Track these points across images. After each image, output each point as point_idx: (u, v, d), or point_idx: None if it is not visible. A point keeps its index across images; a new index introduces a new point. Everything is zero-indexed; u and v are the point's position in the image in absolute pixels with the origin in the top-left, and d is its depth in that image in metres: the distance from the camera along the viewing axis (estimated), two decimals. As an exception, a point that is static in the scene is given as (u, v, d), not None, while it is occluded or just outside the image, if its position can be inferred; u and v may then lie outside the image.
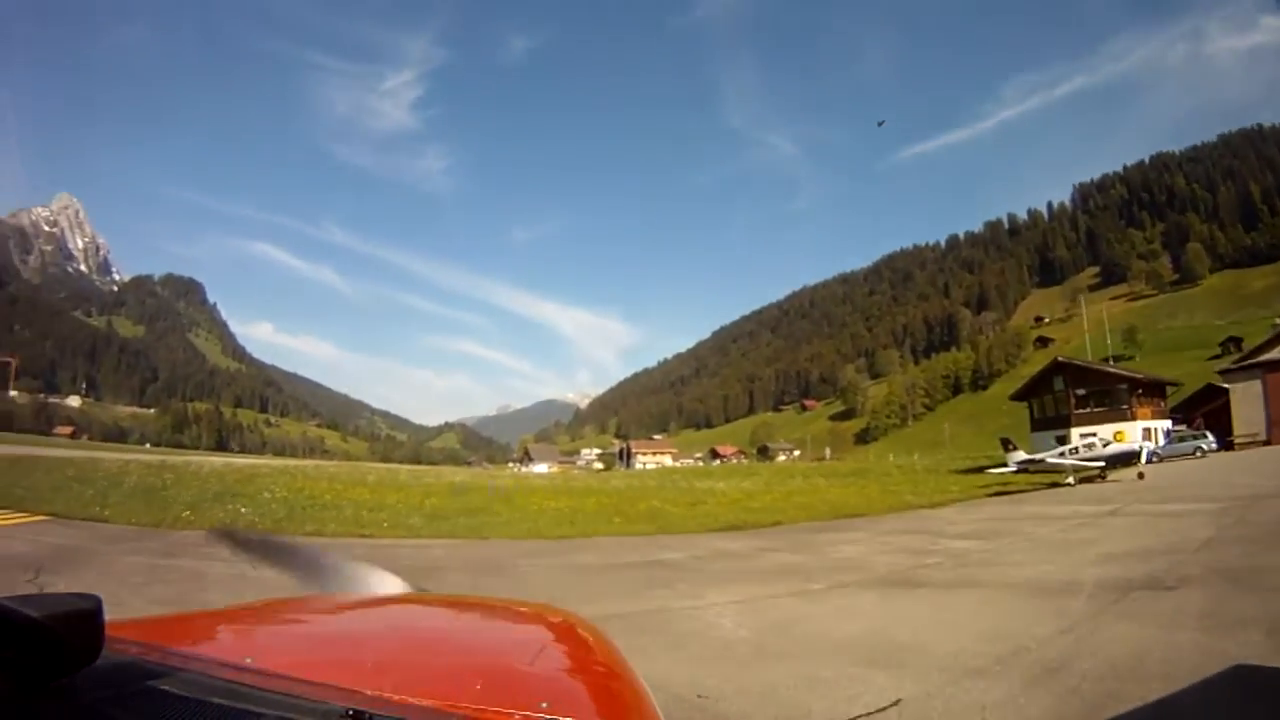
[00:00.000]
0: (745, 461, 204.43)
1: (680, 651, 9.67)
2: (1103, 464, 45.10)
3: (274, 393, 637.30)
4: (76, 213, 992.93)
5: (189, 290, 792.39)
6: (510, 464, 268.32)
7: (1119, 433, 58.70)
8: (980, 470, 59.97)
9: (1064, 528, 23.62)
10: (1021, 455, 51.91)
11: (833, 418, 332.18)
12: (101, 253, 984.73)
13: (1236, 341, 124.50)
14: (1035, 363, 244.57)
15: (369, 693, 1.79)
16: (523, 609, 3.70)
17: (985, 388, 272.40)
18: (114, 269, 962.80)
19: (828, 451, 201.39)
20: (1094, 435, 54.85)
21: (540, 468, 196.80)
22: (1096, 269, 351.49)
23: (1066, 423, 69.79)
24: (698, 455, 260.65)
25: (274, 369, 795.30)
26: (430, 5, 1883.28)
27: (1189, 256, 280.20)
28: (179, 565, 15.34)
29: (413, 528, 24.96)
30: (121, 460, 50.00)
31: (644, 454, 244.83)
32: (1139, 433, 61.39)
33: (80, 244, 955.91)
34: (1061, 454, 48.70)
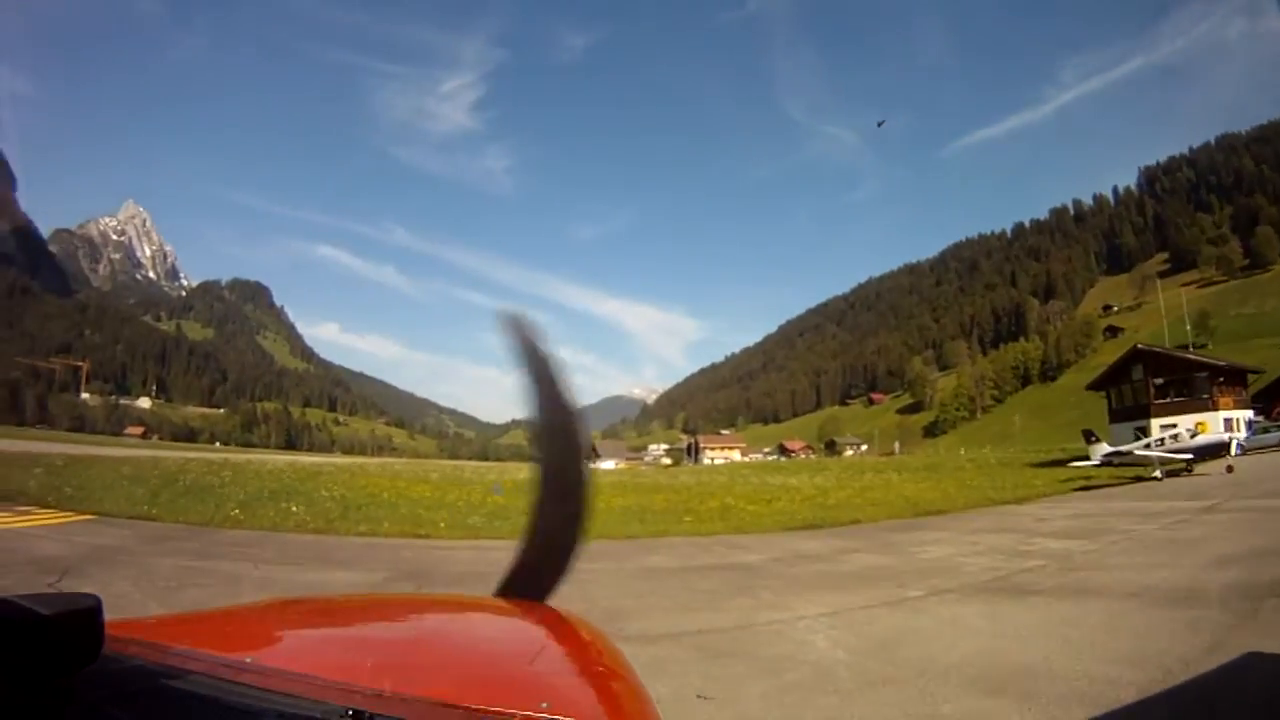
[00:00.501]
0: (813, 456, 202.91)
1: (773, 679, 8.45)
2: (1190, 456, 43.32)
3: (342, 392, 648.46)
4: (144, 222, 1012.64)
5: (256, 294, 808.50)
6: None
7: (1201, 423, 56.31)
8: (1057, 464, 58.21)
9: (1165, 525, 22.06)
10: (1106, 448, 49.29)
11: (900, 411, 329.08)
12: (169, 259, 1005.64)
13: None
14: (1105, 353, 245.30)
15: (369, 693, 1.79)
16: (523, 609, 3.36)
17: (1055, 379, 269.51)
18: (182, 275, 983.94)
19: (897, 446, 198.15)
20: (1175, 426, 52.53)
21: (607, 464, 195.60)
22: (1165, 255, 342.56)
23: (1146, 413, 67.22)
24: (766, 450, 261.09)
25: (341, 369, 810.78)
26: (484, 7, 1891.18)
27: (1259, 240, 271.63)
28: (215, 569, 14.63)
29: (472, 528, 23.71)
30: (183, 459, 50.05)
31: (712, 449, 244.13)
32: (1221, 423, 59.57)
33: (148, 252, 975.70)
34: (1148, 446, 46.42)
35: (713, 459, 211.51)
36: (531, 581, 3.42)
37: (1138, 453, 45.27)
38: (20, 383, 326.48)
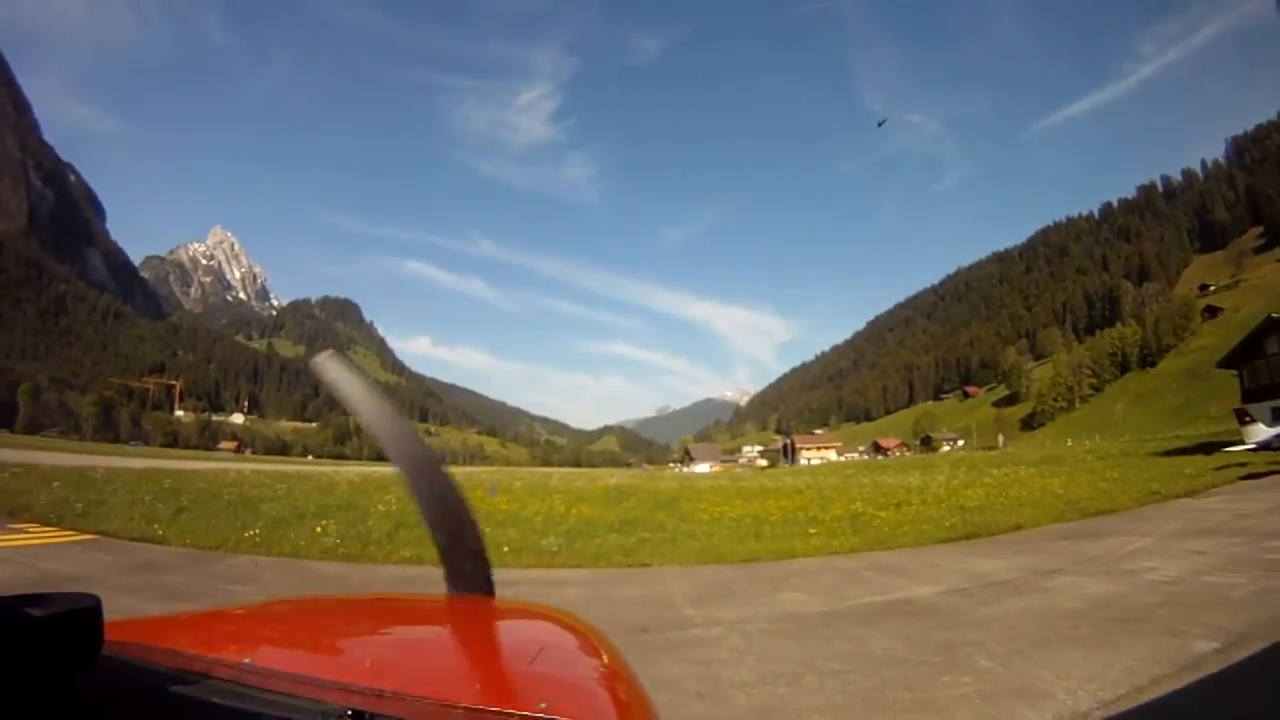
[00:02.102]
0: (909, 454, 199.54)
1: None
2: None
3: (433, 403, 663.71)
4: (232, 245, 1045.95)
5: (345, 310, 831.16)
6: (671, 464, 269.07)
7: None
8: (1182, 452, 55.40)
9: None
10: (1265, 430, 44.20)
11: (996, 404, 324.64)
12: (259, 280, 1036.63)
13: None
14: (1205, 334, 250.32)
15: (369, 693, 1.80)
16: (523, 609, 3.64)
17: (1154, 364, 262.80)
18: (272, 295, 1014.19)
19: (1001, 439, 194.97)
20: None
21: (702, 467, 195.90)
22: (1260, 229, 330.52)
23: None
24: (861, 449, 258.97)
25: (432, 381, 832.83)
26: (553, 16, 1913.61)
27: None
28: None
29: (544, 551, 19.35)
30: (237, 470, 46.53)
31: (807, 449, 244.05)
32: None
33: (238, 274, 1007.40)
34: None
35: (809, 459, 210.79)
36: (470, 573, 3.33)
37: None
38: (114, 401, 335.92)
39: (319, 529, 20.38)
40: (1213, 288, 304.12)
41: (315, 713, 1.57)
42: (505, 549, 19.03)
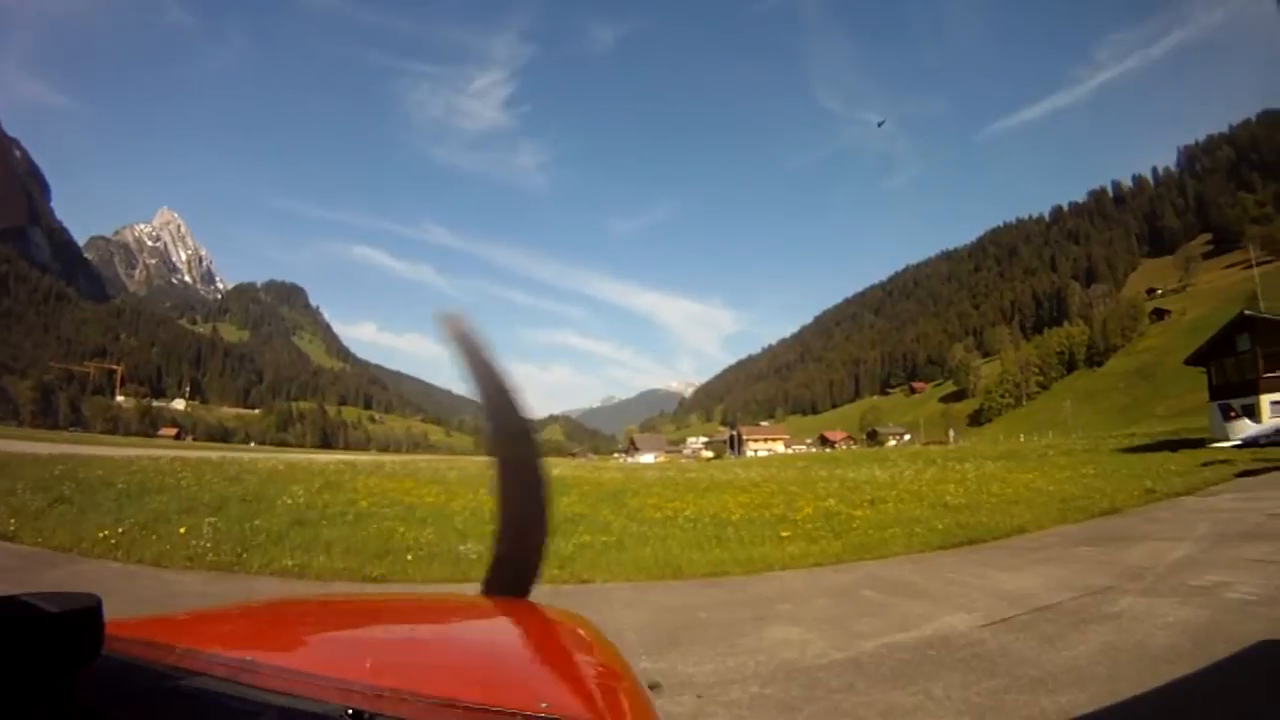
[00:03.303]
0: (855, 447, 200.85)
1: None
2: None
3: (378, 390, 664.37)
4: (179, 227, 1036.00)
5: (292, 295, 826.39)
6: (616, 454, 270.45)
7: None
8: (1147, 449, 57.12)
9: None
10: (1251, 426, 44.22)
11: (943, 400, 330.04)
12: (205, 263, 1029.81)
13: None
14: (1152, 336, 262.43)
15: (369, 692, 1.79)
16: (523, 609, 3.35)
17: (1101, 364, 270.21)
18: (217, 278, 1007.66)
19: (952, 434, 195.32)
20: None
21: (647, 458, 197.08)
22: (1208, 236, 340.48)
23: (1253, 389, 60.16)
24: (808, 441, 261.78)
25: (378, 368, 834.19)
26: (513, 2, 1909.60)
27: None
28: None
29: (461, 560, 15.33)
30: (152, 457, 42.44)
31: (754, 441, 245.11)
32: None
33: (183, 256, 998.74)
34: None
35: (755, 451, 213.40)
36: (511, 580, 3.39)
37: None
38: (53, 386, 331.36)
39: (187, 529, 16.68)
40: (1160, 291, 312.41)
41: (315, 712, 1.58)
42: (410, 556, 15.47)
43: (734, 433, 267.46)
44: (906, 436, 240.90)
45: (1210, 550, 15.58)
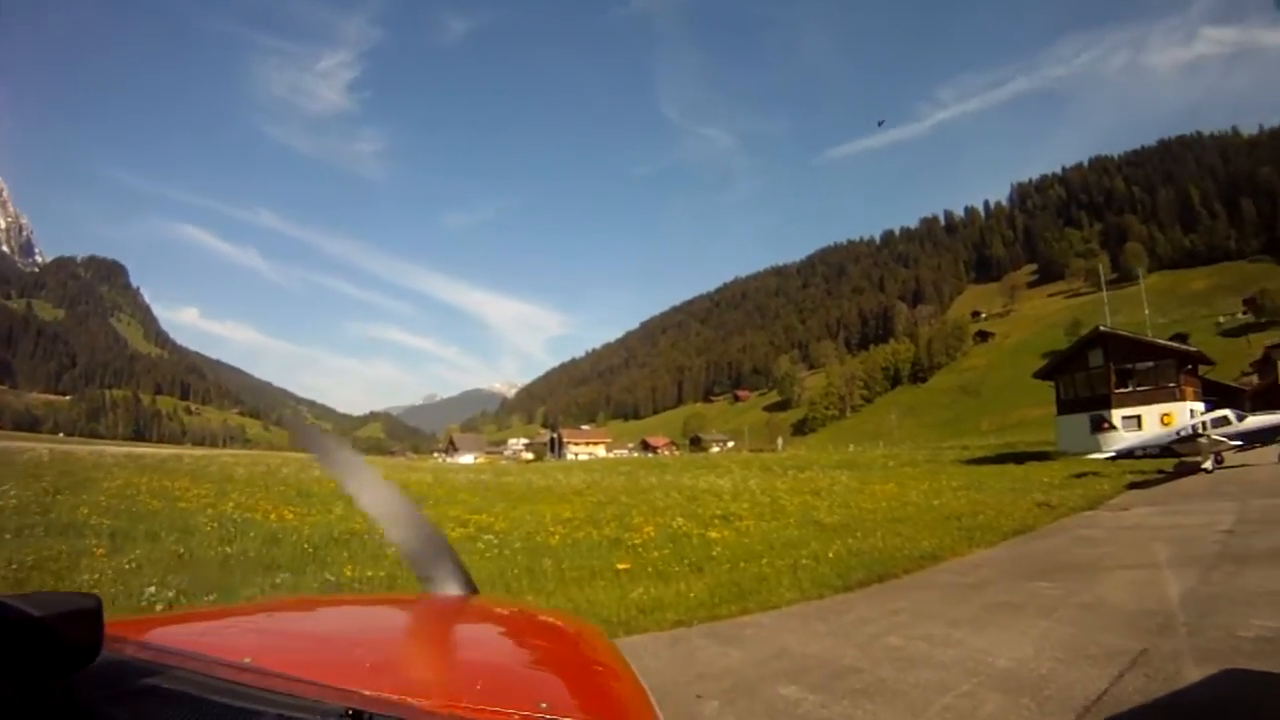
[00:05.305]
0: (679, 453, 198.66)
1: None
2: (1240, 443, 36.77)
3: (196, 380, 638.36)
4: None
5: (113, 273, 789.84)
6: (435, 454, 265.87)
7: (1167, 414, 54.78)
8: (988, 461, 57.85)
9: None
10: (1126, 437, 44.70)
11: (767, 408, 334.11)
12: (24, 233, 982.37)
13: (1182, 338, 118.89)
14: (976, 356, 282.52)
15: (368, 693, 1.79)
16: (523, 609, 3.71)
17: (925, 380, 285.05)
18: (36, 250, 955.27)
19: (780, 442, 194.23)
20: (1137, 417, 54.75)
21: (466, 458, 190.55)
22: (1034, 266, 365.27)
23: (1105, 403, 61.11)
24: (630, 446, 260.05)
25: (198, 355, 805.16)
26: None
27: (1127, 256, 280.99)
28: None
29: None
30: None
31: (575, 444, 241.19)
32: (1187, 414, 53.35)
33: (2, 224, 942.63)
34: (1178, 434, 39.99)
35: (576, 454, 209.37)
36: (448, 575, 3.33)
37: (1208, 439, 37.74)
38: None
39: None
40: (985, 315, 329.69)
41: (315, 713, 1.56)
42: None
43: (555, 435, 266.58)
44: (730, 443, 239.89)
45: (1212, 582, 12.00)
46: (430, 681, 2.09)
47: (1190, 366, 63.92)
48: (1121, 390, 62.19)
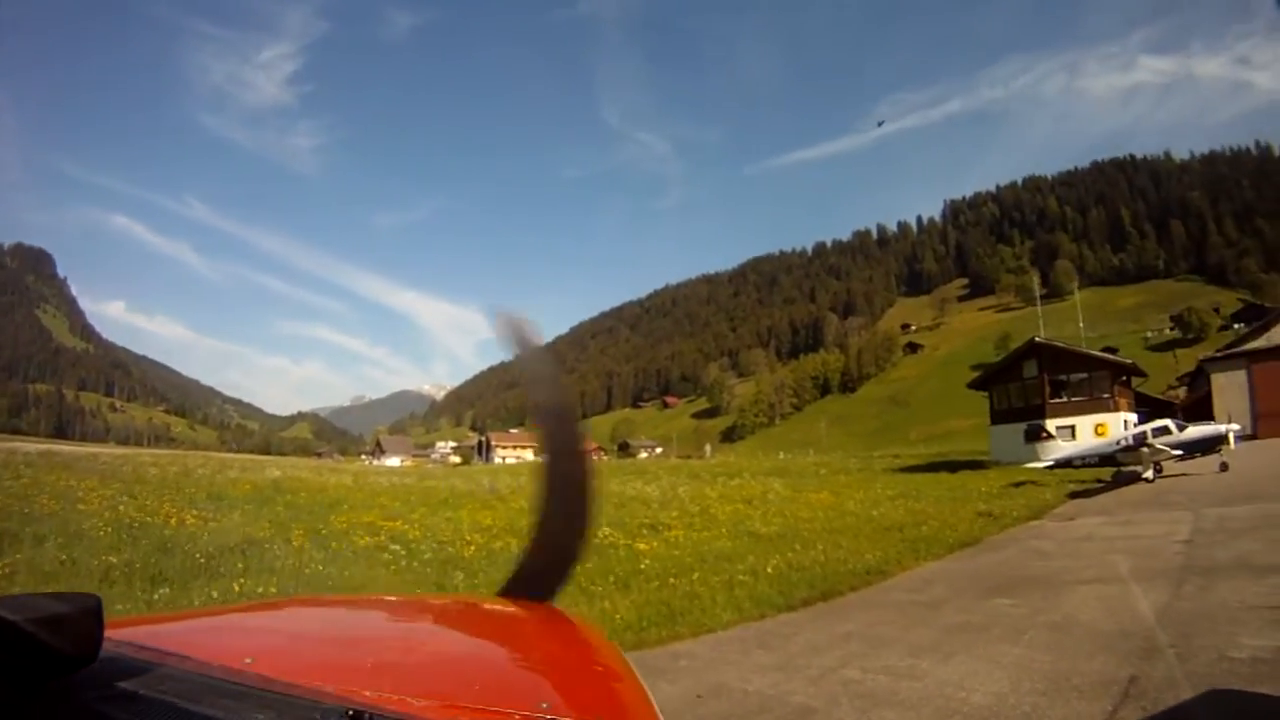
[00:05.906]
0: (607, 458, 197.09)
1: None
2: (1179, 452, 36.70)
3: (121, 375, 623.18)
4: None
5: (39, 261, 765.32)
6: (362, 456, 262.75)
7: (1101, 425, 55.12)
8: (918, 469, 59.41)
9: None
10: (1065, 447, 44.92)
11: (696, 415, 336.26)
12: None
13: (1112, 352, 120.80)
14: (905, 367, 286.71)
15: (368, 693, 1.80)
16: (523, 609, 3.46)
17: (854, 389, 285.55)
18: None
19: (709, 448, 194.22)
20: (1071, 427, 55.14)
21: (393, 461, 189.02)
22: (965, 281, 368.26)
23: (1039, 413, 61.22)
24: None
25: (124, 350, 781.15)
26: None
27: (1058, 273, 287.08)
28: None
29: None
30: None
31: (504, 447, 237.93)
32: (1121, 424, 54.74)
33: None
34: (1119, 443, 40.47)
35: (504, 458, 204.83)
36: (536, 582, 3.46)
37: (1153, 448, 37.69)
38: None
39: None
40: (915, 327, 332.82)
41: (315, 713, 1.58)
42: None
43: (484, 439, 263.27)
44: (659, 449, 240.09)
45: (1185, 596, 11.48)
46: (430, 682, 2.05)
47: (1124, 378, 64.38)
48: (1056, 400, 62.43)
